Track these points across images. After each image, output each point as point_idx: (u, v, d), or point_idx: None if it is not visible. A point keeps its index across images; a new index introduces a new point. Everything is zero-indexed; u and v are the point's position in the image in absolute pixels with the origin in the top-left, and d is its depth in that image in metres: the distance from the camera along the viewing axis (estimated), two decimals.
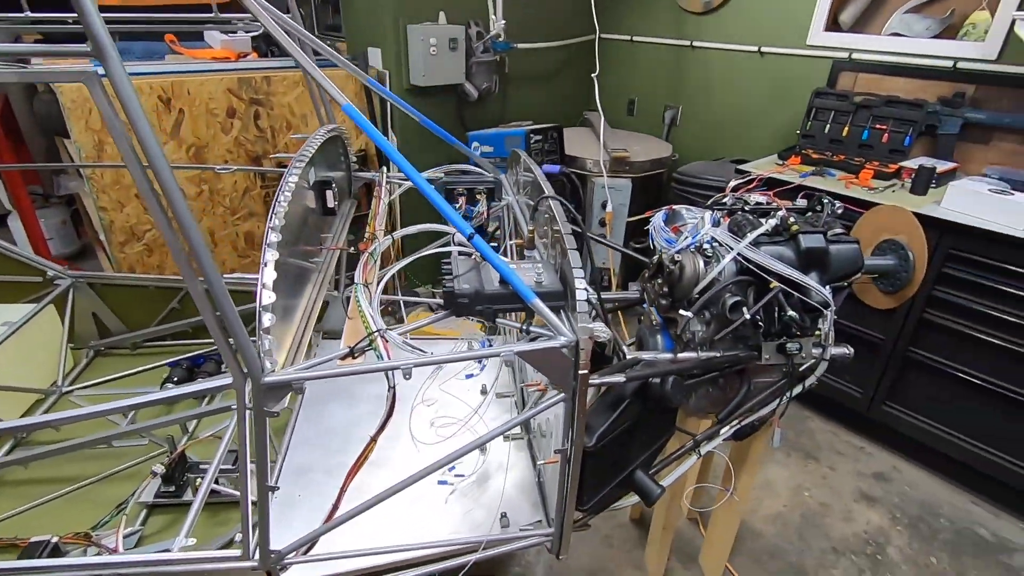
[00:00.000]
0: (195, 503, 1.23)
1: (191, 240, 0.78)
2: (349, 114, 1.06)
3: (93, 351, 1.99)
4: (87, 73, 0.69)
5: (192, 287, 0.80)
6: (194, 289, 0.80)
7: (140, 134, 0.71)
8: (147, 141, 0.71)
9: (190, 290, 0.80)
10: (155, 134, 0.73)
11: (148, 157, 0.72)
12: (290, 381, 0.89)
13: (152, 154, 0.72)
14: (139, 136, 0.71)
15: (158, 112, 2.41)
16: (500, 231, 1.73)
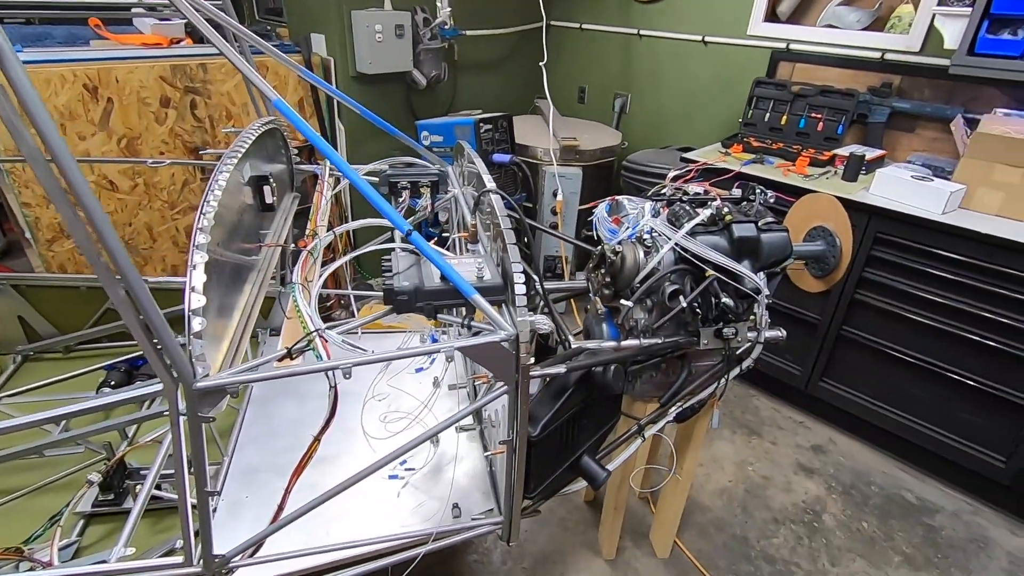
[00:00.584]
0: (134, 510, 1.20)
1: (106, 240, 0.75)
2: (280, 109, 1.04)
3: (21, 356, 1.89)
4: None
5: (111, 291, 0.77)
6: (114, 294, 0.78)
7: (40, 126, 0.67)
8: (48, 134, 0.68)
9: (109, 295, 0.77)
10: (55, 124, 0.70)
11: (51, 152, 0.69)
12: (223, 386, 0.87)
13: (55, 148, 0.69)
14: (41, 135, 0.68)
15: (84, 101, 2.28)
16: (450, 224, 1.73)
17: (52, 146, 0.68)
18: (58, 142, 0.68)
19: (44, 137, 0.68)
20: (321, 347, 0.95)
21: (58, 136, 0.69)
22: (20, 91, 0.65)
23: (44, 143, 0.68)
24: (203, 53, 2.56)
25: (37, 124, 0.67)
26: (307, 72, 1.46)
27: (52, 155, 0.69)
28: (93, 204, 0.72)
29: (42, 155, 0.70)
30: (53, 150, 0.69)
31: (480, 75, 3.59)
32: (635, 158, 3.00)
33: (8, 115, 0.67)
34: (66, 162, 0.69)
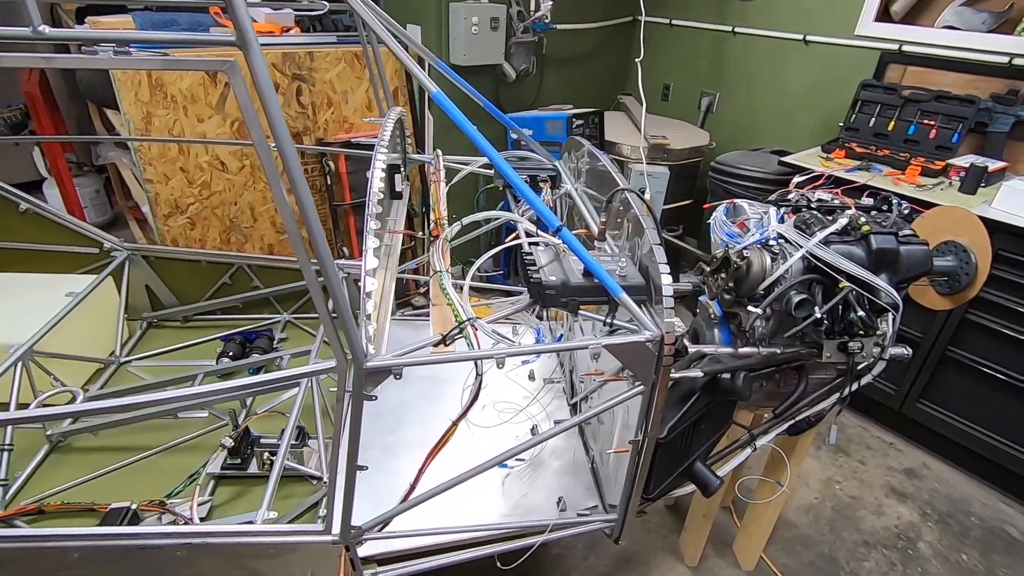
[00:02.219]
0: (272, 477, 1.27)
1: (311, 226, 0.79)
2: (438, 101, 1.07)
3: (146, 323, 2.03)
4: (228, 63, 0.70)
5: (306, 271, 0.82)
6: (308, 273, 0.82)
7: (273, 122, 0.72)
8: (278, 129, 0.73)
9: (304, 274, 0.82)
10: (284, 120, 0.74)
11: (278, 144, 0.74)
12: (390, 367, 0.91)
13: (282, 142, 0.73)
14: (271, 124, 0.72)
15: (204, 86, 2.41)
16: None
17: (277, 133, 0.73)
18: (287, 139, 0.73)
19: (272, 124, 0.72)
20: (472, 336, 0.98)
21: (287, 133, 0.73)
22: (263, 92, 0.70)
23: (272, 129, 0.73)
24: (311, 42, 2.66)
25: (268, 111, 0.71)
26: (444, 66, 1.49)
27: (279, 149, 0.73)
28: (304, 190, 0.77)
29: (266, 141, 0.75)
30: (277, 136, 0.73)
31: (565, 70, 3.58)
32: (725, 159, 2.93)
33: (245, 103, 0.71)
34: (287, 148, 0.74)
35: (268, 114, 0.71)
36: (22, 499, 1.39)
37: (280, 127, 0.72)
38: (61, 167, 3.28)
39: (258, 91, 0.71)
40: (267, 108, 0.71)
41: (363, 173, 2.96)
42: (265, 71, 0.70)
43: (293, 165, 0.75)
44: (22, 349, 1.47)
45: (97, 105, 3.12)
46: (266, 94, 0.70)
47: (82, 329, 1.72)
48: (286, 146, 0.73)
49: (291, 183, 0.76)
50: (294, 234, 0.79)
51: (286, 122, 2.43)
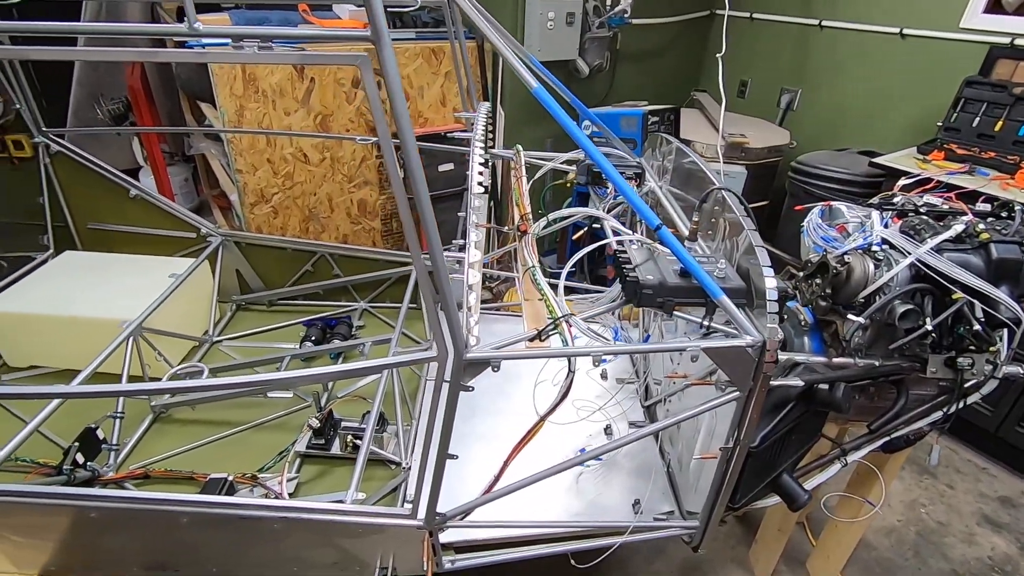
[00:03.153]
0: (359, 460, 1.31)
1: (424, 219, 0.81)
2: (539, 96, 1.07)
3: (235, 305, 2.14)
4: (361, 58, 0.72)
5: (417, 262, 0.84)
6: (418, 263, 0.84)
7: (398, 116, 0.74)
8: (403, 124, 0.74)
9: (415, 264, 0.84)
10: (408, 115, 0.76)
11: (401, 138, 0.75)
12: (489, 359, 0.92)
13: (405, 136, 0.75)
14: (396, 116, 0.74)
15: (292, 80, 2.51)
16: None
17: (401, 125, 0.75)
18: (410, 134, 0.75)
19: (397, 117, 0.74)
20: (567, 333, 0.98)
21: (410, 128, 0.75)
22: (391, 86, 0.72)
23: (396, 122, 0.74)
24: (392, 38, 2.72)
25: (394, 104, 0.73)
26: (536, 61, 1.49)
27: (402, 142, 0.75)
28: (421, 183, 0.78)
29: (390, 136, 0.77)
30: (401, 129, 0.75)
31: (638, 65, 3.51)
32: (808, 160, 2.80)
33: (374, 96, 0.74)
34: (410, 142, 0.75)
35: (394, 107, 0.73)
36: (129, 463, 1.50)
37: (404, 120, 0.74)
38: (157, 156, 3.50)
39: (387, 84, 0.73)
40: (394, 101, 0.73)
41: (435, 167, 3.01)
42: (395, 65, 0.72)
43: (414, 159, 0.76)
44: (133, 325, 1.58)
45: (190, 99, 3.32)
46: (394, 87, 0.72)
47: (180, 308, 1.84)
48: (409, 140, 0.75)
49: (410, 176, 0.78)
50: (408, 225, 0.81)
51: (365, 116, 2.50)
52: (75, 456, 1.37)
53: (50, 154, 1.89)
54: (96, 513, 1.09)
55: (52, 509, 1.11)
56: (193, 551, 1.22)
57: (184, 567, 1.25)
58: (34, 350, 1.74)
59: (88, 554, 1.23)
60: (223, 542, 1.19)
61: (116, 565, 1.27)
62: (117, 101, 3.77)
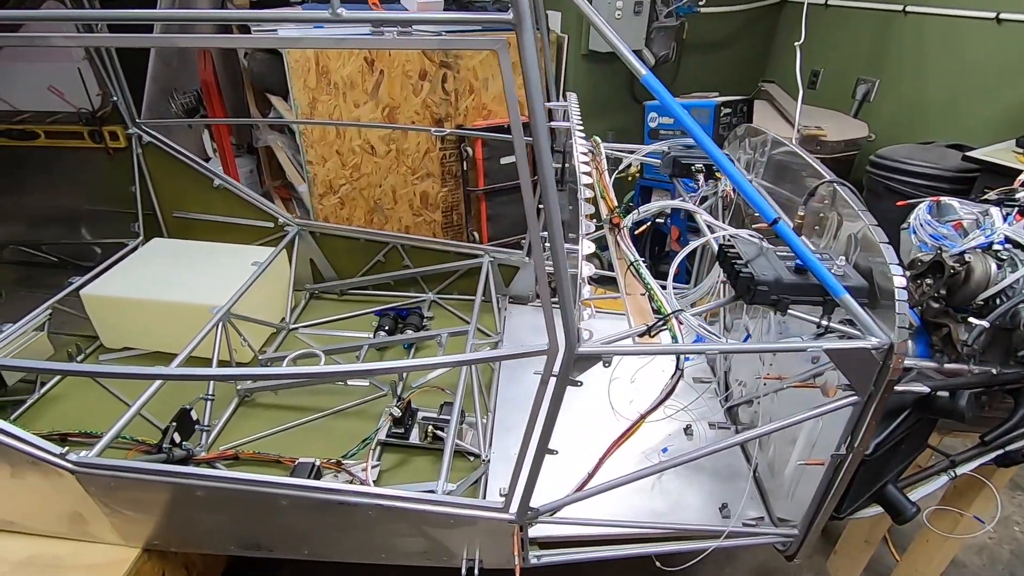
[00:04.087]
0: (446, 452, 1.32)
1: (549, 210, 0.79)
2: (648, 85, 1.03)
3: (309, 293, 2.19)
4: (498, 42, 0.71)
5: (536, 254, 0.82)
6: (537, 254, 0.82)
7: (532, 105, 0.72)
8: (536, 112, 0.72)
9: (534, 254, 0.82)
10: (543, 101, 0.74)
11: (533, 127, 0.74)
12: (601, 354, 0.90)
13: (538, 126, 0.73)
14: (531, 104, 0.72)
15: (362, 72, 2.54)
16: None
17: (535, 111, 0.73)
18: (543, 123, 0.73)
19: (531, 103, 0.72)
20: (677, 330, 0.94)
21: (543, 117, 0.73)
22: (528, 74, 0.70)
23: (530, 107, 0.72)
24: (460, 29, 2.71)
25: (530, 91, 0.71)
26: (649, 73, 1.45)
27: (533, 131, 0.73)
28: (549, 173, 0.76)
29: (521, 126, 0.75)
30: (534, 116, 0.73)
31: (704, 56, 3.41)
32: (890, 154, 2.65)
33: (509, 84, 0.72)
34: (541, 130, 0.73)
35: (529, 94, 0.71)
36: (218, 444, 1.55)
37: (539, 107, 0.72)
38: (226, 148, 3.61)
39: (524, 71, 0.71)
40: (529, 88, 0.71)
41: (497, 160, 3.00)
42: (534, 51, 0.69)
43: (545, 150, 0.74)
44: (223, 311, 1.63)
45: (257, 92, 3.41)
46: (531, 74, 0.70)
47: (261, 296, 1.88)
48: (542, 131, 0.73)
49: (539, 165, 0.76)
50: (531, 214, 0.79)
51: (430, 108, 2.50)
52: (172, 435, 1.43)
53: (142, 145, 1.97)
54: (203, 492, 1.13)
55: (158, 486, 1.15)
56: (287, 533, 1.25)
57: (277, 548, 1.28)
58: (128, 332, 1.82)
59: (188, 530, 1.28)
60: (317, 526, 1.21)
61: (214, 542, 1.31)
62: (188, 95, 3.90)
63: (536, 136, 0.74)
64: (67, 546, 1.28)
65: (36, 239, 2.16)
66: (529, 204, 0.79)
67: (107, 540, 1.28)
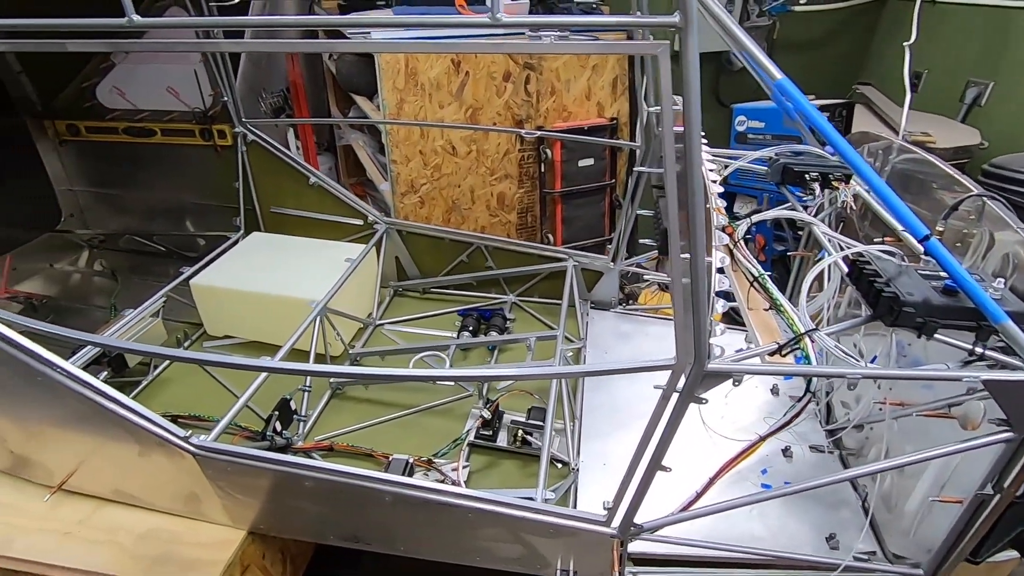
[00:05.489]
0: (543, 459, 1.30)
1: (695, 217, 0.76)
2: (783, 90, 0.98)
3: (393, 290, 2.24)
4: (661, 46, 0.68)
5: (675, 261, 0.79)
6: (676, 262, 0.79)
7: (689, 112, 0.69)
8: (693, 116, 0.70)
9: (672, 262, 0.79)
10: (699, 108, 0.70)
11: (687, 134, 0.71)
12: (731, 372, 0.86)
13: (692, 132, 0.70)
14: (688, 110, 0.69)
15: (448, 74, 2.57)
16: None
17: (690, 119, 0.70)
18: (697, 119, 0.70)
19: (689, 110, 0.69)
20: (811, 350, 0.89)
21: (698, 125, 0.70)
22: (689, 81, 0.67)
23: (686, 115, 0.70)
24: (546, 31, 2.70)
25: (690, 97, 0.69)
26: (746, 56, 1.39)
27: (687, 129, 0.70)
28: (697, 179, 0.73)
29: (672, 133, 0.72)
30: (690, 124, 0.70)
31: (796, 57, 3.25)
32: (1009, 163, 2.44)
33: (667, 89, 0.69)
34: (694, 147, 0.70)
35: (688, 101, 0.69)
36: (313, 435, 1.60)
37: (696, 115, 0.69)
38: (310, 146, 3.75)
39: (685, 77, 0.68)
40: (689, 95, 0.68)
41: (575, 163, 2.98)
42: (697, 56, 0.67)
43: (696, 157, 0.71)
44: (321, 306, 1.69)
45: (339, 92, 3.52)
46: (692, 80, 0.67)
47: (352, 291, 1.94)
48: (695, 137, 0.70)
49: (689, 175, 0.73)
50: (674, 222, 0.77)
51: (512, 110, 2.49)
52: (275, 424, 1.48)
53: (247, 143, 2.06)
54: (311, 483, 1.16)
55: (269, 473, 1.20)
56: (386, 528, 1.27)
57: (375, 542, 1.31)
58: (230, 321, 1.91)
59: (292, 517, 1.32)
60: (415, 523, 1.23)
61: (314, 530, 1.35)
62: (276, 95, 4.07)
63: (689, 145, 0.71)
64: (181, 523, 1.35)
65: (148, 230, 2.31)
66: (674, 213, 0.76)
67: (217, 520, 1.34)
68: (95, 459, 1.34)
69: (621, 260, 2.07)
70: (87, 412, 1.21)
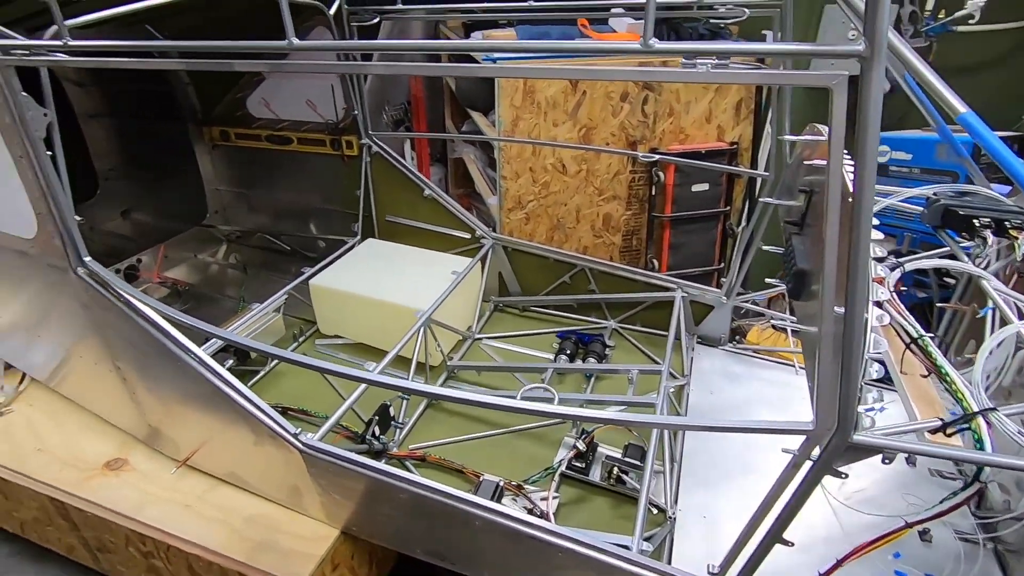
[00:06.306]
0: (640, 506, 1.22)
1: (856, 268, 0.67)
2: (967, 125, 0.85)
3: (494, 305, 2.25)
4: (839, 77, 0.61)
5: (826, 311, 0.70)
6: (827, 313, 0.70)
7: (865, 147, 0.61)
8: (869, 157, 0.61)
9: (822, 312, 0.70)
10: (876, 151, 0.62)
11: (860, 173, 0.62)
12: (882, 447, 0.74)
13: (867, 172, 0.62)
14: (862, 149, 0.61)
15: (565, 93, 2.56)
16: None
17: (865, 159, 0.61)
18: (872, 159, 0.61)
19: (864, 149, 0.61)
20: (985, 433, 0.75)
21: (876, 153, 0.62)
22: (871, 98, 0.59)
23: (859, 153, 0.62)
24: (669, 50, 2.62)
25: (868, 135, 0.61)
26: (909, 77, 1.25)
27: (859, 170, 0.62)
28: (866, 227, 0.64)
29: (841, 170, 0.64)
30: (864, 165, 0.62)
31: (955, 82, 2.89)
32: None
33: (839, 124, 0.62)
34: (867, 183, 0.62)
35: (865, 136, 0.61)
36: (408, 443, 1.63)
37: (872, 153, 0.61)
38: (423, 158, 3.91)
39: (863, 112, 0.60)
40: (868, 131, 0.60)
41: (688, 187, 2.85)
42: (881, 91, 0.59)
43: (867, 198, 0.63)
44: (426, 316, 1.73)
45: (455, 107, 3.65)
46: (872, 116, 0.59)
47: (455, 304, 1.96)
48: (869, 178, 0.62)
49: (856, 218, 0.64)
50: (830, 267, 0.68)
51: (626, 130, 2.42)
52: (374, 428, 1.53)
53: (371, 154, 2.18)
54: (407, 496, 1.17)
55: (368, 479, 1.22)
56: (472, 550, 1.26)
57: (459, 564, 1.30)
58: (341, 322, 2.01)
59: (383, 524, 1.35)
60: (502, 552, 1.20)
61: (403, 541, 1.37)
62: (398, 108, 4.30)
63: (861, 193, 0.62)
64: (283, 513, 1.42)
65: (277, 229, 2.51)
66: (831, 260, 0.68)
67: (314, 516, 1.40)
68: (216, 441, 1.45)
69: (735, 295, 1.94)
70: (213, 396, 1.31)
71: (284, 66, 1.43)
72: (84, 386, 1.66)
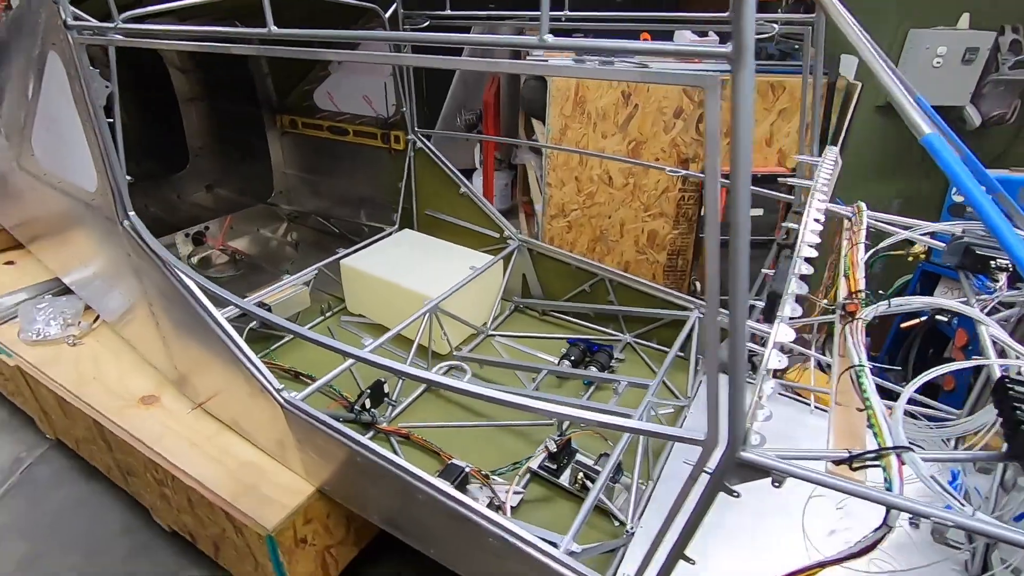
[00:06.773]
0: (584, 506, 1.22)
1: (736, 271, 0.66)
2: (930, 147, 0.80)
3: (514, 305, 2.29)
4: (709, 78, 0.62)
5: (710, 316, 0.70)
6: (712, 319, 0.70)
7: (737, 150, 0.61)
8: (741, 159, 0.61)
9: (707, 319, 0.70)
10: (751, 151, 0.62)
11: (732, 175, 0.62)
12: (769, 468, 0.71)
13: (739, 173, 0.62)
14: (734, 151, 0.61)
15: (616, 105, 2.56)
16: None
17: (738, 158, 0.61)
18: (747, 160, 0.61)
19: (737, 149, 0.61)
20: (896, 472, 0.70)
21: (749, 163, 0.61)
22: (738, 113, 0.59)
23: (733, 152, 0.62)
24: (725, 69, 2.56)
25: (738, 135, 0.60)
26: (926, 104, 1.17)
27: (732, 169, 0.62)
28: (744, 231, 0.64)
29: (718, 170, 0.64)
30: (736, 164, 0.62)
31: None
32: None
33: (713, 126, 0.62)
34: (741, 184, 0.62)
35: (735, 138, 0.60)
36: (399, 421, 1.71)
37: (744, 155, 0.61)
38: (489, 162, 4.04)
39: (734, 114, 0.60)
40: (737, 131, 0.60)
41: None
42: (751, 91, 0.59)
43: (742, 201, 0.62)
44: (433, 303, 1.81)
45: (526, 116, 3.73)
46: (742, 118, 0.59)
47: (471, 298, 2.04)
48: (743, 179, 0.61)
49: (731, 219, 0.64)
50: (713, 272, 0.68)
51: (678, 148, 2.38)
52: (365, 400, 1.63)
53: (415, 149, 2.31)
54: (361, 460, 1.25)
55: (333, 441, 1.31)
56: (422, 527, 1.31)
57: (410, 536, 1.35)
58: (364, 302, 2.15)
59: (350, 488, 1.43)
60: (447, 531, 1.24)
61: (364, 507, 1.45)
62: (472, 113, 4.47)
63: (734, 184, 0.62)
64: (272, 463, 1.56)
65: (329, 212, 2.73)
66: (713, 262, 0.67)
67: (295, 470, 1.51)
68: (226, 392, 1.61)
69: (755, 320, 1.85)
70: (225, 353, 1.46)
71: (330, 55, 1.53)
72: (134, 329, 1.90)
